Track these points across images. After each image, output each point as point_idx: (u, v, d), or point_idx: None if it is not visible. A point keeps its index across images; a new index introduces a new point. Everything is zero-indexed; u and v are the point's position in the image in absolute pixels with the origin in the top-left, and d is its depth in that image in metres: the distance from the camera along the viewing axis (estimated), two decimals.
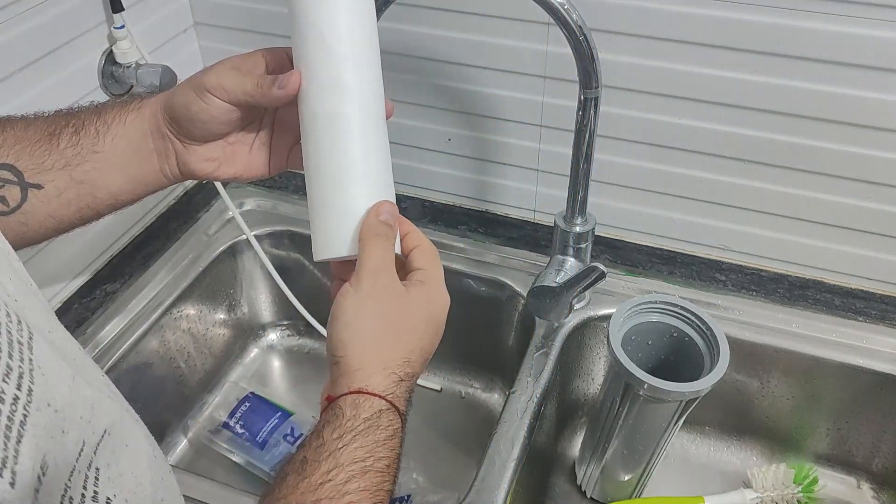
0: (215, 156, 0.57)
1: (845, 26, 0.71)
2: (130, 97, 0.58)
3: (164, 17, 0.92)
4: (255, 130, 0.58)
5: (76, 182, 0.55)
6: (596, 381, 0.93)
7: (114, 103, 0.58)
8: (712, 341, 0.72)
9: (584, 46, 0.66)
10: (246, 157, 0.58)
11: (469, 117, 0.91)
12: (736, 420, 0.91)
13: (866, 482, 0.89)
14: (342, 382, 0.48)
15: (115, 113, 0.56)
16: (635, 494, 0.85)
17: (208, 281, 0.95)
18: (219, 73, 0.53)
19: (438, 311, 0.53)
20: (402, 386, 0.49)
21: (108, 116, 0.56)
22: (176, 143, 0.56)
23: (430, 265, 0.54)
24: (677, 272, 0.91)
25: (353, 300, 0.49)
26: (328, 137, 0.52)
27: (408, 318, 0.50)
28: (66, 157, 0.55)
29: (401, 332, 0.50)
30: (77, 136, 0.55)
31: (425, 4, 0.84)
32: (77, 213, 0.57)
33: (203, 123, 0.54)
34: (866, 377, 0.81)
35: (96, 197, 0.57)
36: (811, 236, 0.86)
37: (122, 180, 0.57)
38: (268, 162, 0.59)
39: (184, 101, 0.54)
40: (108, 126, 0.56)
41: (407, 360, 0.50)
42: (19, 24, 0.74)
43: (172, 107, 0.55)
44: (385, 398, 0.47)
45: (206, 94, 0.53)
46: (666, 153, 0.85)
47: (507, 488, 0.69)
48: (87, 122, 0.56)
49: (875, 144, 0.77)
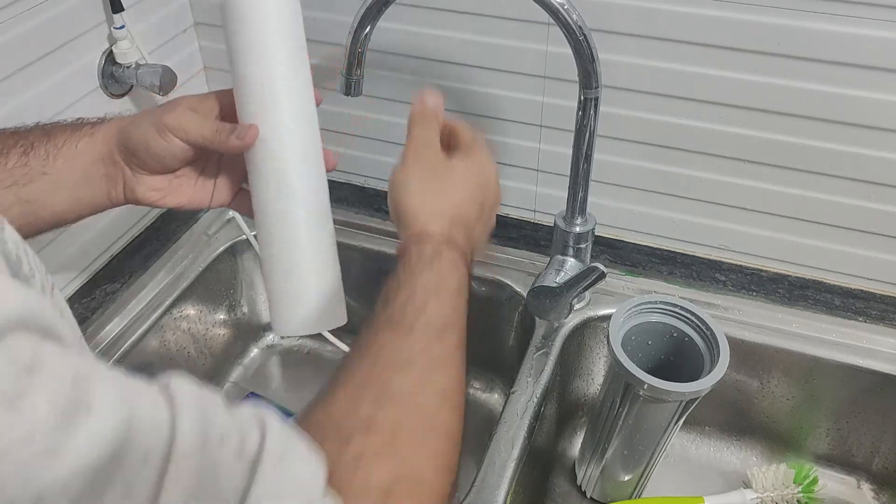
0: (162, 186, 0.61)
1: (845, 26, 0.71)
2: (79, 121, 0.60)
3: (164, 17, 0.92)
4: (201, 167, 0.62)
5: (22, 201, 0.57)
6: (596, 381, 0.93)
7: (63, 126, 0.60)
8: (712, 341, 0.72)
9: (584, 46, 0.66)
10: (191, 190, 0.62)
11: (469, 117, 0.91)
12: (736, 420, 0.91)
13: (866, 482, 0.89)
14: (405, 235, 0.53)
15: (65, 136, 0.59)
16: (635, 494, 0.85)
17: (208, 281, 0.95)
18: (179, 115, 0.57)
19: (487, 177, 0.58)
20: (456, 230, 0.54)
21: (59, 139, 0.58)
22: (126, 170, 0.59)
23: (472, 141, 0.59)
24: (677, 272, 0.91)
25: (400, 173, 0.55)
26: (277, 231, 0.57)
27: (455, 179, 0.56)
28: (14, 176, 0.57)
29: (448, 188, 0.55)
30: (26, 156, 0.57)
31: (425, 4, 0.84)
32: (18, 230, 0.59)
33: (159, 158, 0.58)
34: (866, 377, 0.81)
35: (39, 216, 0.59)
36: (811, 236, 0.86)
37: (68, 202, 0.59)
38: (210, 196, 0.63)
39: (143, 136, 0.57)
40: (59, 149, 0.58)
41: (458, 212, 0.55)
42: (19, 24, 0.74)
43: (129, 139, 0.57)
44: (439, 235, 0.52)
45: (167, 133, 0.57)
46: (666, 153, 0.85)
47: (507, 488, 0.69)
48: (36, 144, 0.58)
49: (875, 144, 0.77)
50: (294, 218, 0.57)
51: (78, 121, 0.60)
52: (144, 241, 0.95)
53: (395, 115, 0.94)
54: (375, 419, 0.41)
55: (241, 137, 0.55)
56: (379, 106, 0.94)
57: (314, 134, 0.58)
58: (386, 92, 0.93)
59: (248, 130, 0.55)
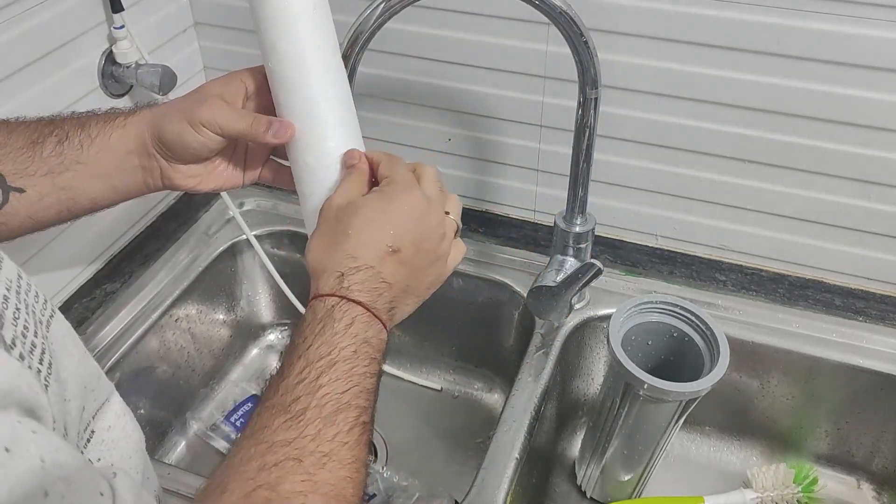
0: (198, 172, 0.62)
1: (845, 26, 0.71)
2: (112, 111, 0.61)
3: (164, 17, 0.92)
4: (232, 149, 0.63)
5: (58, 188, 0.59)
6: (596, 381, 0.93)
7: (96, 116, 0.61)
8: (712, 341, 0.72)
9: (584, 46, 0.66)
10: (225, 172, 0.63)
11: (469, 117, 0.91)
12: (736, 420, 0.91)
13: (866, 482, 0.89)
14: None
15: (98, 127, 0.59)
16: (635, 494, 0.85)
17: (208, 281, 0.95)
18: (213, 108, 0.57)
19: (402, 206, 0.53)
20: (346, 279, 0.50)
21: (92, 129, 0.59)
22: (161, 161, 0.60)
23: (392, 171, 0.55)
24: (677, 272, 0.91)
25: (316, 231, 0.54)
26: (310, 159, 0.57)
27: (355, 221, 0.52)
28: (50, 164, 0.58)
29: (340, 236, 0.52)
30: (61, 146, 0.58)
31: (426, 4, 0.84)
32: (56, 216, 0.60)
33: (194, 151, 0.59)
34: (866, 377, 0.81)
35: (77, 202, 0.60)
36: (811, 236, 0.86)
37: (102, 189, 0.61)
38: (243, 175, 0.64)
39: (177, 132, 0.58)
40: (92, 139, 0.59)
41: (350, 256, 0.51)
42: (19, 24, 0.74)
43: (163, 132, 0.58)
44: (332, 295, 0.50)
45: (202, 128, 0.57)
46: (666, 153, 0.85)
47: (507, 488, 0.69)
48: (70, 134, 0.59)
49: (875, 144, 0.77)
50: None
51: (111, 110, 0.61)
52: (144, 241, 0.95)
53: (395, 115, 0.94)
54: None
55: (278, 136, 0.56)
56: (379, 106, 0.94)
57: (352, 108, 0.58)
58: (386, 92, 0.93)
59: (285, 129, 0.56)
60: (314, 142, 0.56)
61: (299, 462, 0.43)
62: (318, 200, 0.57)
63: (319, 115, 0.56)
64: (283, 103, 0.56)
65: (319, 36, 0.55)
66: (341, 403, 0.46)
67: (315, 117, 0.56)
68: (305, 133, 0.56)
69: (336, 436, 0.45)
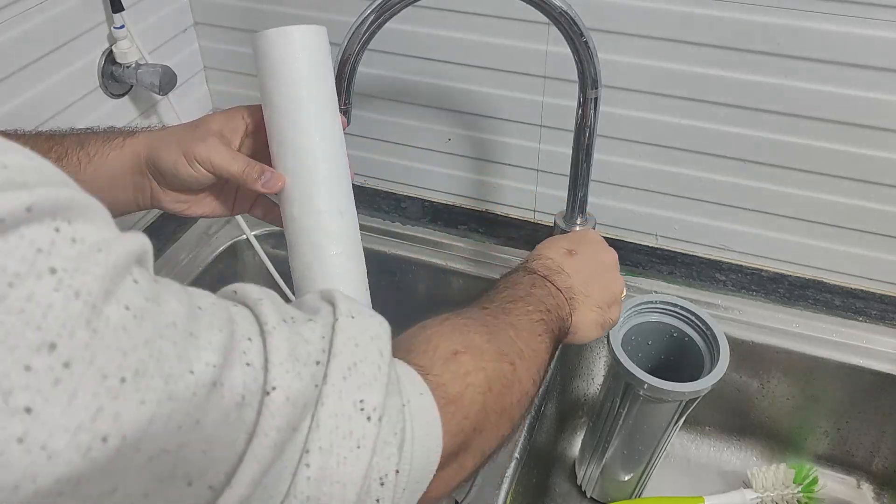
0: (187, 199, 0.63)
1: (845, 26, 0.71)
2: (111, 131, 0.63)
3: (164, 17, 0.92)
4: (224, 182, 0.64)
5: None
6: (596, 381, 0.93)
7: (95, 135, 0.62)
8: (712, 341, 0.72)
9: (584, 46, 0.66)
10: (213, 202, 0.65)
11: (469, 117, 0.91)
12: (736, 420, 0.91)
13: (866, 482, 0.89)
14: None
15: (97, 146, 0.61)
16: (635, 494, 0.85)
17: (208, 281, 0.95)
18: (209, 147, 0.58)
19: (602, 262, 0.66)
20: (535, 263, 0.62)
21: (91, 149, 0.61)
22: (153, 183, 0.62)
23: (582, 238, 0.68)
24: (677, 272, 0.91)
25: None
26: (307, 246, 0.58)
27: (579, 251, 0.65)
28: None
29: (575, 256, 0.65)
30: (59, 162, 0.60)
31: (425, 4, 0.84)
32: None
33: (185, 183, 0.60)
34: (866, 377, 0.81)
35: None
36: (811, 236, 0.86)
37: None
38: (232, 206, 0.66)
39: (172, 161, 0.59)
40: (91, 158, 0.60)
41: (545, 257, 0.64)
42: (19, 24, 0.74)
43: (158, 158, 0.60)
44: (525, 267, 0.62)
45: (195, 164, 0.59)
46: (666, 153, 0.85)
47: (507, 488, 0.69)
48: (69, 152, 0.61)
49: (875, 144, 0.77)
50: (323, 237, 0.58)
51: (110, 129, 0.63)
52: None
53: (395, 115, 0.94)
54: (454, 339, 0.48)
55: (267, 186, 0.57)
56: (379, 106, 0.94)
57: (343, 167, 0.58)
58: (386, 92, 0.93)
59: (276, 180, 0.57)
60: (299, 197, 0.57)
61: (510, 328, 0.53)
62: (299, 251, 0.57)
63: (307, 173, 0.56)
64: (275, 153, 0.57)
65: (317, 95, 0.55)
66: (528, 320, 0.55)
67: (302, 175, 0.56)
68: (291, 187, 0.57)
69: (538, 344, 0.54)
